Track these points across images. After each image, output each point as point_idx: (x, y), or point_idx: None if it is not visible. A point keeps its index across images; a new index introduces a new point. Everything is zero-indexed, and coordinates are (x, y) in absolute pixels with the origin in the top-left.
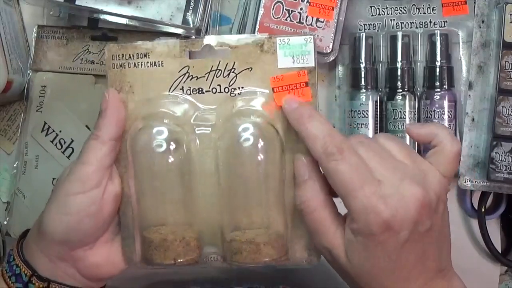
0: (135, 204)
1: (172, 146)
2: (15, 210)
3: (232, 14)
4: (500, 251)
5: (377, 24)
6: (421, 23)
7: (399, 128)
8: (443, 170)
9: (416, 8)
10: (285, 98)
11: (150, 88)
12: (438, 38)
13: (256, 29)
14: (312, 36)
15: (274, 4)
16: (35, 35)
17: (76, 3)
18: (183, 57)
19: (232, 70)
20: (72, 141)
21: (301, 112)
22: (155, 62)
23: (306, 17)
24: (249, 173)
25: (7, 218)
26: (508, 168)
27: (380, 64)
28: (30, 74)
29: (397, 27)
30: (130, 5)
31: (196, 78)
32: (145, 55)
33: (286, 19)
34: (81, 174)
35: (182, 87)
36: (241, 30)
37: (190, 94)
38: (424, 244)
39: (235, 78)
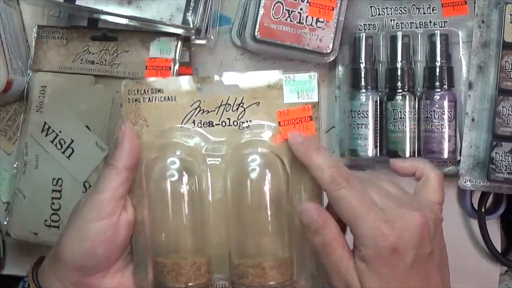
0: (148, 231)
1: (184, 176)
2: (15, 210)
3: (232, 14)
4: (500, 251)
5: (377, 24)
6: (421, 23)
7: (399, 128)
8: (433, 197)
9: (416, 8)
10: (291, 133)
11: (163, 121)
12: (438, 38)
13: (256, 29)
14: (316, 73)
15: (274, 4)
16: (35, 35)
17: (76, 3)
18: (194, 92)
19: (241, 104)
20: (72, 141)
21: (308, 145)
22: (168, 97)
23: (306, 17)
24: (256, 201)
25: (7, 218)
26: (508, 168)
27: (380, 64)
28: (30, 74)
29: (397, 27)
30: (130, 5)
31: (207, 112)
32: (158, 91)
33: (286, 19)
34: (97, 202)
35: (194, 120)
36: (241, 30)
37: (201, 127)
38: (428, 269)
39: (243, 112)
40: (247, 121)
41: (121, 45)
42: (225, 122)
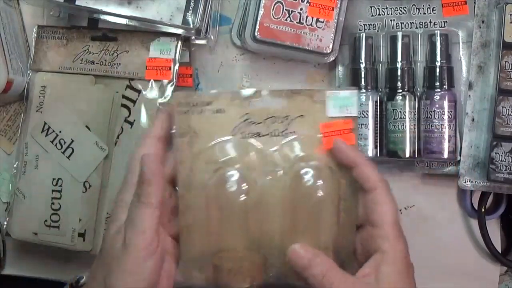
0: (205, 234)
1: (243, 185)
2: (15, 210)
3: (232, 14)
4: (500, 251)
5: (377, 24)
6: (421, 23)
7: (399, 129)
8: None
9: (416, 8)
10: (335, 139)
11: (213, 132)
12: (438, 38)
13: (256, 29)
14: (356, 91)
15: (274, 4)
16: (35, 35)
17: (76, 3)
18: (243, 106)
19: (287, 117)
20: (72, 141)
21: (353, 148)
22: (218, 110)
23: (306, 17)
24: (310, 207)
25: (7, 218)
26: (508, 168)
27: (380, 64)
28: (30, 74)
29: (397, 27)
30: (130, 5)
31: (255, 124)
32: (208, 103)
33: (286, 19)
34: (143, 242)
35: (243, 131)
36: (241, 30)
37: (250, 137)
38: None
39: (289, 124)
40: (292, 132)
41: (121, 45)
42: (272, 133)
